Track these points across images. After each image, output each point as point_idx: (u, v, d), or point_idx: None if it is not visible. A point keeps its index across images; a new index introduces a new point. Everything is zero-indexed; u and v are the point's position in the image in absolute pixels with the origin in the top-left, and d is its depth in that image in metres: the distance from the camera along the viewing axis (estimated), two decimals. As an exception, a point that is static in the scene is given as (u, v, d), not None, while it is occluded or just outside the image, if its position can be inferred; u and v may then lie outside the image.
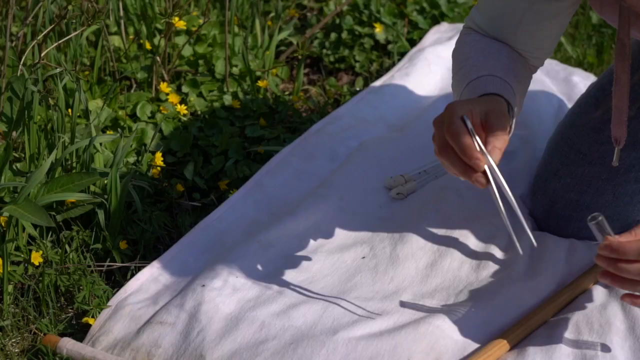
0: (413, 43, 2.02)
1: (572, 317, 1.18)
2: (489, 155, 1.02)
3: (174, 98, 1.70)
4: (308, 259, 1.31)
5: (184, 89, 1.76)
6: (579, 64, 1.96)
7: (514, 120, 1.14)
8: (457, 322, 1.17)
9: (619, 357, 1.11)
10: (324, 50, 2.00)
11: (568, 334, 1.15)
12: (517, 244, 1.04)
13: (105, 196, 1.37)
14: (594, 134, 1.33)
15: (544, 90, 1.80)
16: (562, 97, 1.80)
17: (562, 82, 1.85)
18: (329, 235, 1.37)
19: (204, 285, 1.24)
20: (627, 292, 1.06)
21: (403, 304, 1.21)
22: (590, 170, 1.18)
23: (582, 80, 1.83)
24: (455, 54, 1.25)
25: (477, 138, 1.02)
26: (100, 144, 1.52)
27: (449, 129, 1.02)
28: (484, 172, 1.01)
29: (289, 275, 1.28)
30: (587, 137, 1.31)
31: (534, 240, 1.05)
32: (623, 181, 1.33)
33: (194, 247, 1.36)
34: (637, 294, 1.05)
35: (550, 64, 1.95)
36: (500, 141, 1.03)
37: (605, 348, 1.12)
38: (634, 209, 1.34)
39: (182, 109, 1.67)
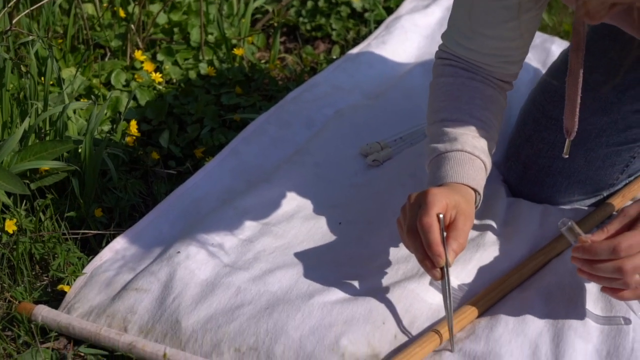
0: (390, 11, 2.02)
1: (545, 281, 1.19)
2: (449, 257, 1.09)
3: (148, 66, 1.69)
4: (283, 225, 1.31)
5: (159, 57, 1.75)
6: (555, 32, 1.97)
7: (481, 200, 1.20)
8: (431, 286, 1.18)
9: (590, 320, 1.13)
10: (301, 19, 1.99)
11: (540, 298, 1.16)
12: (452, 340, 1.10)
13: (80, 164, 1.37)
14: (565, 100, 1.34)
15: (519, 58, 1.80)
16: (538, 65, 1.81)
17: (538, 50, 1.85)
18: (304, 201, 1.37)
19: (179, 252, 1.24)
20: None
21: (378, 269, 1.22)
22: (562, 136, 1.19)
23: (558, 49, 1.83)
24: (432, 91, 1.28)
25: (444, 239, 1.09)
26: (74, 112, 1.51)
27: (424, 221, 1.08)
28: (441, 268, 1.09)
29: (265, 241, 1.28)
30: (558, 103, 1.31)
31: (453, 346, 1.10)
32: (595, 146, 1.34)
33: (169, 214, 1.36)
34: (616, 287, 1.06)
35: (526, 31, 1.95)
36: (458, 246, 1.10)
37: (577, 312, 1.13)
38: (606, 173, 1.35)
39: (157, 77, 1.66)
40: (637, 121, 1.34)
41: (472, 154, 1.18)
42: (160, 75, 1.67)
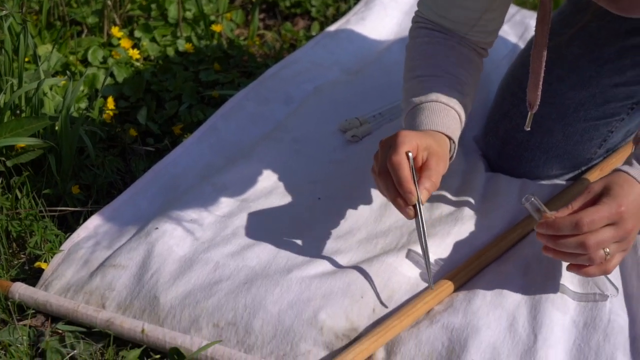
0: (369, -13, 2.00)
1: (523, 253, 1.20)
2: (420, 194, 1.08)
3: (126, 43, 1.67)
4: (262, 200, 1.31)
5: (137, 33, 1.73)
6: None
7: (456, 149, 1.19)
8: (410, 260, 1.18)
9: (568, 292, 1.13)
10: (280, -5, 1.97)
11: (518, 270, 1.17)
12: (430, 278, 1.12)
13: (56, 141, 1.35)
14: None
15: (498, 34, 1.79)
16: (517, 40, 1.80)
17: (517, 25, 1.85)
18: (283, 177, 1.37)
19: (157, 228, 1.23)
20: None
21: (357, 243, 1.22)
22: (540, 110, 1.19)
23: (537, 24, 1.83)
24: (408, 52, 1.28)
25: (414, 175, 1.08)
26: (51, 88, 1.49)
27: (393, 159, 1.08)
28: (413, 206, 1.08)
29: (243, 217, 1.27)
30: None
31: (432, 284, 1.12)
32: (573, 120, 1.34)
33: (147, 191, 1.35)
34: (581, 263, 1.06)
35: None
36: (431, 185, 1.10)
37: (555, 284, 1.14)
38: (584, 148, 1.36)
39: (134, 53, 1.64)
40: (615, 95, 1.34)
41: (447, 105, 1.17)
42: (138, 52, 1.66)
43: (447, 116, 1.17)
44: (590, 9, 1.35)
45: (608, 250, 1.05)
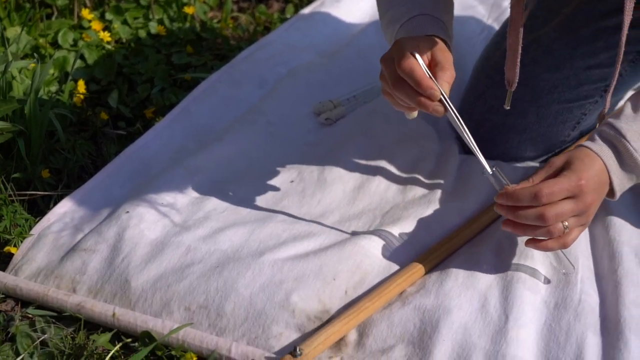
0: (344, -31, 1.99)
1: (495, 235, 1.20)
2: (440, 87, 1.06)
3: (97, 25, 1.65)
4: (235, 184, 1.30)
5: (108, 16, 1.71)
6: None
7: (452, 46, 1.16)
8: (382, 243, 1.18)
9: (539, 272, 1.13)
10: (254, -23, 1.95)
11: (491, 251, 1.17)
12: (485, 164, 1.09)
13: (26, 124, 1.33)
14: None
15: (473, 16, 1.79)
16: (492, 22, 1.80)
17: (492, 7, 1.85)
18: (256, 160, 1.36)
19: (128, 212, 1.22)
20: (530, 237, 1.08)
21: (330, 226, 1.21)
22: (514, 92, 1.19)
23: (512, 6, 1.83)
24: None
25: (428, 71, 1.06)
26: (20, 72, 1.47)
27: (402, 64, 1.05)
28: (440, 101, 1.05)
29: (216, 201, 1.27)
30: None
31: (488, 168, 1.09)
32: (546, 102, 1.34)
33: (118, 174, 1.34)
34: (539, 238, 1.06)
35: (482, -11, 1.94)
36: (448, 75, 1.07)
37: (527, 265, 1.14)
38: (557, 129, 1.36)
39: (105, 36, 1.62)
40: (588, 78, 1.34)
41: (432, 16, 1.15)
42: (109, 34, 1.64)
43: (436, 24, 1.15)
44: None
45: (567, 223, 1.05)
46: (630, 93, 1.42)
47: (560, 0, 1.35)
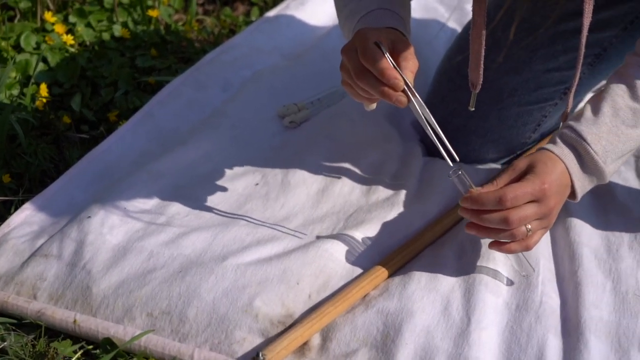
0: (309, -28, 1.99)
1: (458, 237, 1.20)
2: (405, 76, 1.05)
3: (60, 28, 1.64)
4: (199, 188, 1.30)
5: (71, 19, 1.70)
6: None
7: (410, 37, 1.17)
8: (346, 246, 1.18)
9: (503, 273, 1.14)
10: (219, -20, 1.95)
11: (454, 254, 1.18)
12: (446, 155, 1.09)
13: (-14, 129, 1.32)
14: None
15: (436, 19, 1.81)
16: (455, 25, 1.81)
17: (455, 10, 1.86)
18: (220, 164, 1.36)
19: (90, 217, 1.21)
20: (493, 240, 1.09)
21: (294, 229, 1.22)
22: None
23: (476, 9, 1.84)
24: None
25: (392, 60, 1.05)
26: (-20, 75, 1.46)
27: (365, 54, 1.05)
28: (403, 91, 1.05)
29: (179, 205, 1.26)
30: (472, 61, 1.33)
31: (455, 155, 1.09)
32: (507, 105, 1.36)
33: (81, 179, 1.33)
34: (503, 240, 1.07)
35: (444, -9, 1.96)
36: (411, 64, 1.07)
37: (489, 267, 1.15)
38: (518, 132, 1.37)
39: (68, 39, 1.61)
40: (548, 80, 1.36)
41: (391, 10, 1.15)
42: (72, 37, 1.62)
43: (394, 18, 1.15)
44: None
45: (530, 226, 1.06)
46: (589, 95, 1.44)
47: (519, 4, 1.37)
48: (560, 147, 1.10)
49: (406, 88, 1.05)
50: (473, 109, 1.18)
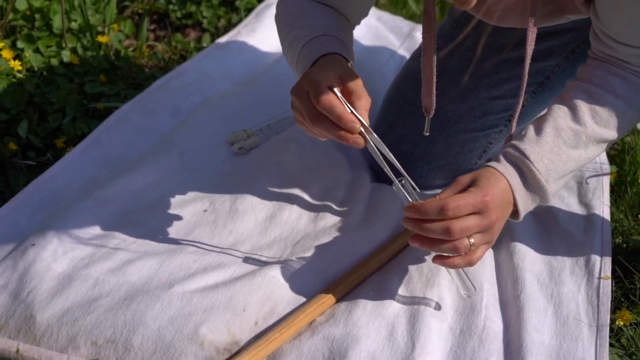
0: (261, -1, 2.02)
1: (404, 263, 1.22)
2: (361, 117, 1.06)
3: (7, 54, 1.62)
4: (146, 214, 1.29)
5: (19, 44, 1.68)
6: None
7: (353, 65, 1.17)
8: (293, 272, 1.18)
9: (446, 299, 1.16)
10: (171, 6, 1.96)
11: (399, 280, 1.19)
12: (405, 192, 1.10)
13: None
14: None
15: (386, 47, 1.83)
16: (405, 52, 1.84)
17: (405, 38, 1.89)
18: (168, 190, 1.35)
19: (34, 245, 1.20)
20: (437, 254, 1.09)
21: (241, 256, 1.22)
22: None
23: (425, 37, 1.87)
24: (280, 17, 1.26)
25: (347, 104, 1.06)
26: None
27: (320, 100, 1.05)
28: (360, 133, 1.06)
29: (126, 232, 1.25)
30: (419, 89, 1.35)
31: (416, 187, 1.10)
32: (453, 132, 1.38)
33: (26, 206, 1.31)
34: (446, 254, 1.08)
35: (395, 20, 1.99)
36: (364, 102, 1.08)
37: (433, 293, 1.16)
38: (464, 158, 1.39)
39: (16, 65, 1.60)
40: (493, 108, 1.38)
41: (335, 37, 1.16)
42: (20, 63, 1.61)
43: (338, 44, 1.16)
44: (469, 24, 1.39)
45: (473, 240, 1.06)
46: (533, 122, 1.46)
47: (461, 31, 1.39)
48: (503, 165, 1.12)
49: (362, 130, 1.06)
50: (428, 133, 1.19)
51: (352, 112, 1.06)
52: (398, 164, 1.09)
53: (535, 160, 1.11)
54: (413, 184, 1.11)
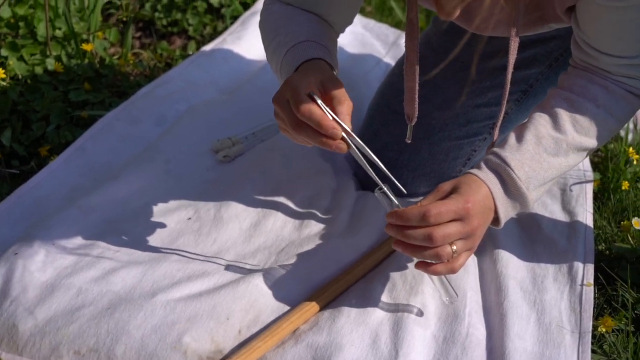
0: (247, 7, 2.02)
1: (387, 271, 1.22)
2: (342, 123, 1.06)
3: (-9, 61, 1.62)
4: (130, 223, 1.29)
5: (3, 52, 1.68)
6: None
7: (337, 72, 1.17)
8: (277, 280, 1.18)
9: (430, 307, 1.16)
10: (156, 14, 1.96)
11: (383, 287, 1.19)
12: (393, 198, 1.11)
13: None
14: None
15: (372, 54, 1.84)
16: (391, 60, 1.85)
17: (391, 46, 1.90)
18: (153, 199, 1.35)
19: (17, 254, 1.19)
20: (420, 260, 1.09)
21: (225, 264, 1.22)
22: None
23: (411, 45, 1.88)
24: (264, 24, 1.26)
25: (328, 110, 1.05)
26: None
27: (300, 108, 1.05)
28: (342, 138, 1.06)
29: (110, 240, 1.25)
30: (403, 97, 1.35)
31: (402, 189, 1.10)
32: (438, 139, 1.38)
33: (10, 215, 1.31)
34: (428, 261, 1.08)
35: (380, 27, 2.00)
36: (346, 107, 1.07)
37: (417, 300, 1.16)
38: (449, 166, 1.40)
39: (0, 73, 1.59)
40: (477, 116, 1.39)
41: (319, 43, 1.16)
42: (4, 71, 1.61)
43: (322, 50, 1.16)
44: (453, 32, 1.40)
45: (455, 247, 1.06)
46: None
47: (447, 42, 1.40)
48: (484, 172, 1.12)
49: (345, 135, 1.06)
50: (410, 141, 1.20)
51: (333, 118, 1.06)
52: (383, 166, 1.09)
53: (515, 168, 1.12)
54: (400, 188, 1.10)
